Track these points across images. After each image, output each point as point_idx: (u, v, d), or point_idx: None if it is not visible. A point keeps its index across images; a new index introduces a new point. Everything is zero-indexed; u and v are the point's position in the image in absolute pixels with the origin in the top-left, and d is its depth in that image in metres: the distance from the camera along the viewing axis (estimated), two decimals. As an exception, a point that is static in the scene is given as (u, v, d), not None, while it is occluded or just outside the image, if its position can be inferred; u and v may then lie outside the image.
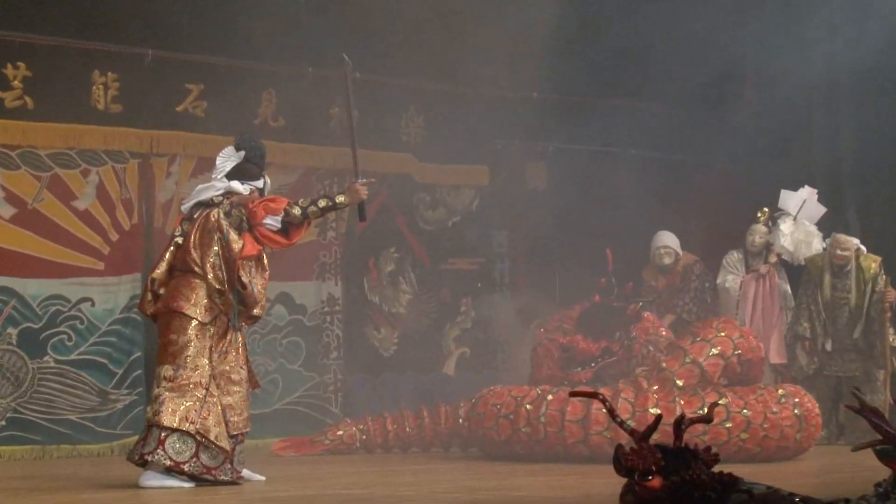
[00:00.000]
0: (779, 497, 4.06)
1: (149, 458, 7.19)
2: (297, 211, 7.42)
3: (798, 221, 11.11)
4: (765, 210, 11.20)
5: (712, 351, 9.08)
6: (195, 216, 7.51)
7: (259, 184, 7.65)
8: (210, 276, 7.34)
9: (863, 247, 10.84)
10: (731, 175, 12.35)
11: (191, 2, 10.39)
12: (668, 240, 11.19)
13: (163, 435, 7.17)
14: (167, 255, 7.51)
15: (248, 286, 7.40)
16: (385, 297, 11.78)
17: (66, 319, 9.98)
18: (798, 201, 11.12)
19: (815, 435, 9.23)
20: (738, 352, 9.15)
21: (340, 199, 7.59)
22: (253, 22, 10.30)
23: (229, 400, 7.36)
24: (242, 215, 7.41)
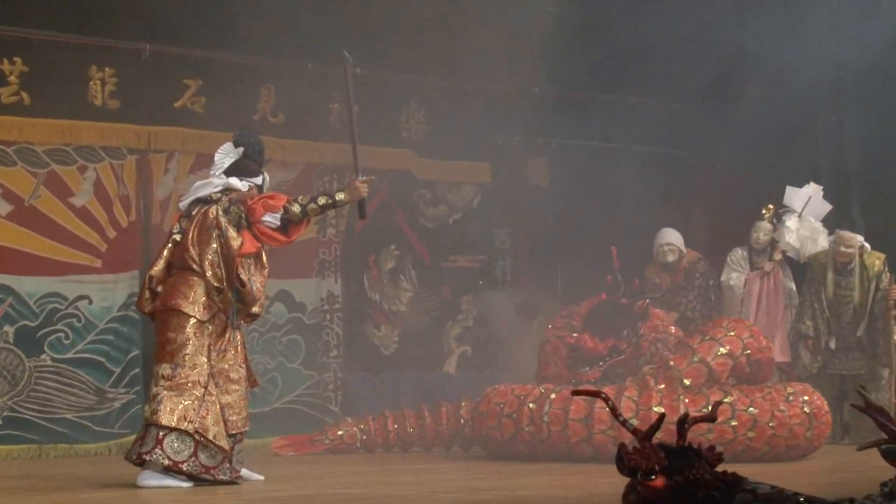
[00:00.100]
0: (783, 497, 4.02)
1: (147, 457, 7.18)
2: (296, 208, 7.40)
3: (803, 218, 11.06)
4: (770, 207, 11.17)
5: (721, 350, 9.03)
6: (193, 213, 7.50)
7: (258, 180, 7.64)
8: (208, 273, 7.33)
9: (866, 244, 10.81)
10: (735, 171, 12.32)
11: (189, -4, 10.38)
12: (671, 237, 11.13)
13: (161, 434, 7.16)
14: (165, 252, 7.51)
15: (247, 284, 7.38)
16: (385, 294, 11.75)
17: (63, 317, 9.96)
18: (803, 198, 11.10)
19: (826, 433, 9.20)
20: (747, 352, 9.10)
21: (340, 197, 7.57)
22: (252, 17, 10.29)
23: (228, 399, 7.35)
24: (241, 212, 7.40)
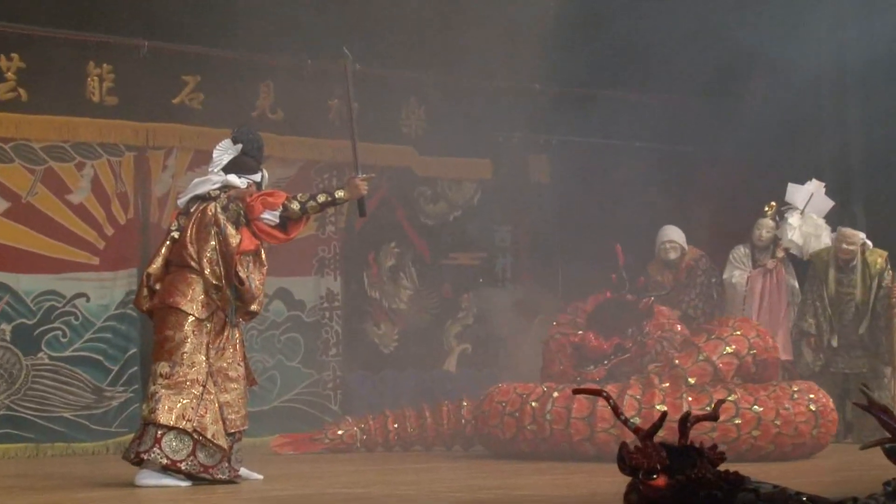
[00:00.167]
0: (786, 496, 3.99)
1: (145, 456, 7.15)
2: (295, 206, 7.40)
3: (806, 215, 11.03)
4: (772, 204, 11.15)
5: (727, 349, 9.01)
6: (192, 210, 7.48)
7: (257, 177, 7.62)
8: (207, 271, 7.31)
9: (868, 241, 10.78)
10: (737, 168, 12.30)
11: (187, -8, 10.36)
12: (673, 234, 11.11)
13: (159, 433, 7.13)
14: (163, 249, 7.50)
15: (246, 281, 7.36)
16: (385, 292, 11.71)
17: (60, 315, 9.94)
18: (805, 195, 11.08)
19: (832, 431, 9.17)
20: (753, 351, 9.08)
21: (340, 195, 7.56)
22: (251, 13, 10.30)
23: (227, 397, 7.33)
24: (240, 209, 7.39)
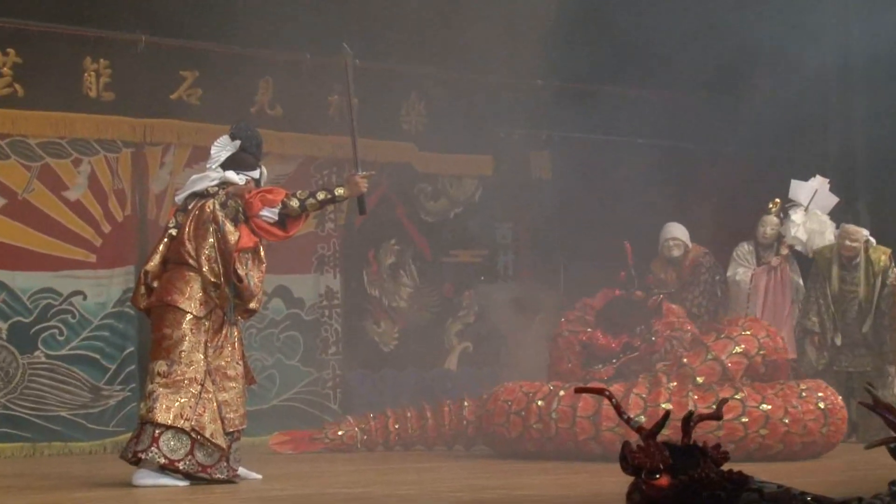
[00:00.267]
0: (790, 496, 3.97)
1: (142, 455, 7.12)
2: (294, 203, 7.38)
3: (810, 212, 11.00)
4: (776, 201, 11.14)
5: (736, 349, 8.95)
6: (190, 207, 7.46)
7: (255, 174, 7.60)
8: (205, 268, 7.28)
9: (872, 238, 10.76)
10: (740, 165, 12.31)
11: (185, -13, 10.32)
12: (677, 231, 11.09)
13: (157, 432, 7.10)
14: (161, 247, 7.48)
15: (245, 279, 7.33)
16: (385, 290, 11.68)
17: (57, 313, 9.91)
18: (809, 191, 11.07)
19: (842, 429, 9.11)
20: (762, 351, 9.03)
21: (339, 192, 7.54)
22: (250, 8, 10.33)
23: (225, 396, 7.30)
24: (238, 206, 7.37)
